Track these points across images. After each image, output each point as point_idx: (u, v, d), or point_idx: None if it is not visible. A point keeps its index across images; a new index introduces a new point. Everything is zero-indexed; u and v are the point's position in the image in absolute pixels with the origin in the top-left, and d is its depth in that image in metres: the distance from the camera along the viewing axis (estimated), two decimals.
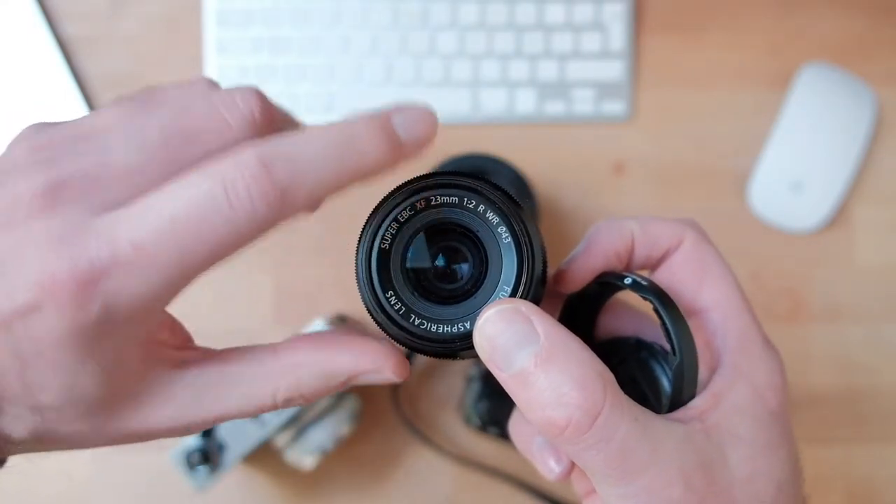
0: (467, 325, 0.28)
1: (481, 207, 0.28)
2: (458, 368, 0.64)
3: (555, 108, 0.66)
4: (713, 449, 0.27)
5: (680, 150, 0.67)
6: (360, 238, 0.28)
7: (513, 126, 0.67)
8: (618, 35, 0.66)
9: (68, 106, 0.65)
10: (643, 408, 0.27)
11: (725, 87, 0.67)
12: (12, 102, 0.65)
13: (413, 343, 0.28)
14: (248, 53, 0.66)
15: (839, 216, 0.66)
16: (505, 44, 0.66)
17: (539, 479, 0.63)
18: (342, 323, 0.62)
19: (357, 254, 0.28)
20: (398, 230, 0.28)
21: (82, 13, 0.66)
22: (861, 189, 0.67)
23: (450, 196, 0.28)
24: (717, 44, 0.68)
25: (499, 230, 0.28)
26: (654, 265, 0.33)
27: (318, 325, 0.60)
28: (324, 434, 0.59)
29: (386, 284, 0.28)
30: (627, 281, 0.30)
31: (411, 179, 0.28)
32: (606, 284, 0.31)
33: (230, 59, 0.66)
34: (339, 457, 0.64)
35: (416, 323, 0.28)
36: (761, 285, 0.66)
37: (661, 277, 0.32)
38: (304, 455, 0.60)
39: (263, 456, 0.62)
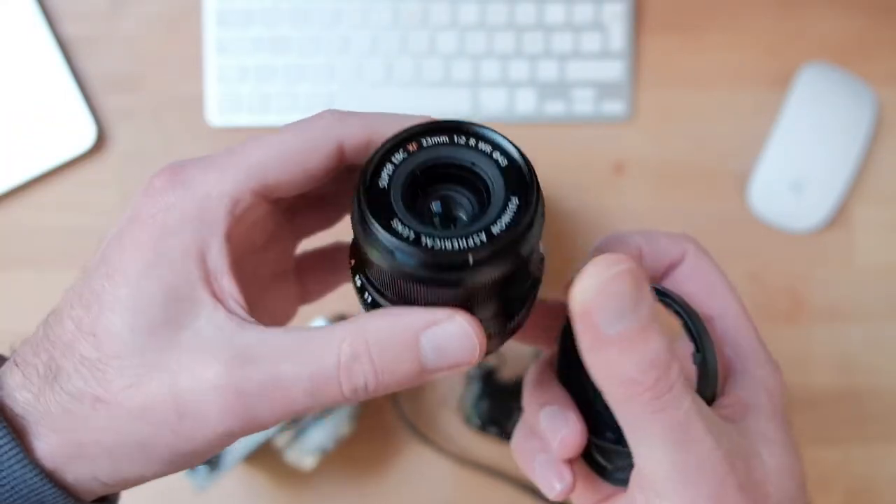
0: (483, 236, 0.27)
1: (471, 141, 0.29)
2: None
3: (555, 108, 0.66)
4: (749, 444, 0.29)
5: (680, 150, 0.67)
6: (359, 182, 0.28)
7: (513, 126, 0.67)
8: (618, 35, 0.66)
9: (68, 106, 0.65)
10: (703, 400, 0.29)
11: (725, 87, 0.67)
12: (12, 102, 0.65)
13: (428, 260, 0.26)
14: (248, 53, 0.66)
15: (839, 216, 0.66)
16: (505, 44, 0.66)
17: None
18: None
19: (356, 194, 0.28)
20: (394, 170, 0.28)
21: (82, 13, 0.66)
22: (861, 189, 0.67)
23: (440, 136, 0.29)
24: (717, 44, 0.68)
25: (493, 155, 0.29)
26: (658, 278, 0.34)
27: (318, 322, 0.60)
28: (324, 434, 0.59)
29: (390, 214, 0.27)
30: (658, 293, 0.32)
31: (400, 132, 0.29)
32: None
33: (230, 59, 0.66)
34: (339, 457, 0.64)
35: (427, 245, 0.27)
36: (761, 285, 0.66)
37: (669, 289, 0.34)
38: (304, 455, 0.60)
39: (263, 456, 0.62)
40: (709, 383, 0.31)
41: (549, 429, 0.33)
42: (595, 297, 0.25)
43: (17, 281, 0.65)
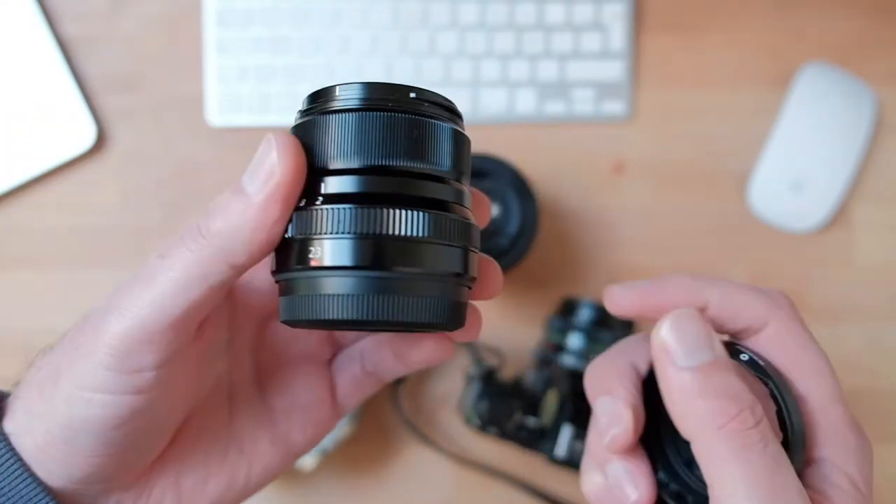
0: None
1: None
2: (458, 366, 0.64)
3: (555, 108, 0.66)
4: None
5: (680, 150, 0.67)
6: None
7: (513, 126, 0.67)
8: (618, 35, 0.66)
9: (68, 106, 0.65)
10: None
11: (725, 87, 0.67)
12: (12, 102, 0.65)
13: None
14: (248, 53, 0.66)
15: (839, 216, 0.66)
16: (505, 44, 0.66)
17: (539, 479, 0.63)
18: None
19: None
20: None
21: (82, 13, 0.66)
22: (861, 189, 0.67)
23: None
24: (717, 44, 0.68)
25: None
26: (731, 334, 0.32)
27: None
28: None
29: None
30: (744, 357, 0.30)
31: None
32: None
33: (230, 59, 0.66)
34: (339, 457, 0.64)
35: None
36: (761, 285, 0.66)
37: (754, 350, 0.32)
38: (304, 455, 0.60)
39: None
40: (795, 456, 0.28)
41: (617, 485, 0.32)
42: (670, 334, 0.28)
43: (17, 281, 0.65)
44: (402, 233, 0.26)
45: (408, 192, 0.27)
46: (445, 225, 0.27)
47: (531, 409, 0.59)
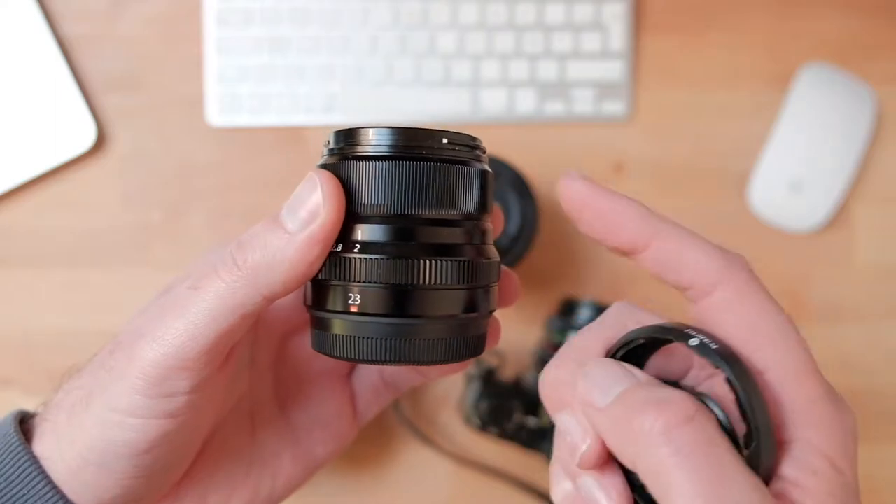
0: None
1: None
2: None
3: (555, 108, 0.66)
4: None
5: (680, 150, 0.67)
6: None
7: (513, 126, 0.67)
8: (618, 35, 0.66)
9: (68, 106, 0.65)
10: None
11: (725, 88, 0.67)
12: (12, 102, 0.65)
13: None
14: (248, 53, 0.66)
15: (839, 216, 0.66)
16: (505, 44, 0.66)
17: (539, 479, 0.63)
18: None
19: None
20: None
21: (82, 13, 0.66)
22: (861, 189, 0.67)
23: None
24: (717, 44, 0.68)
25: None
26: (674, 287, 0.29)
27: None
28: None
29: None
30: (693, 342, 0.26)
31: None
32: (657, 340, 0.28)
33: (230, 59, 0.66)
34: (339, 457, 0.64)
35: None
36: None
37: (697, 321, 0.29)
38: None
39: None
40: (760, 472, 0.25)
41: (589, 498, 0.29)
42: (585, 386, 0.27)
43: (17, 281, 0.65)
44: (433, 283, 0.28)
45: (438, 240, 0.29)
46: (470, 271, 0.29)
47: (531, 409, 0.59)
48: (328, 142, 0.31)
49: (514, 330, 0.65)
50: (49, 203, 0.65)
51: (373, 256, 0.28)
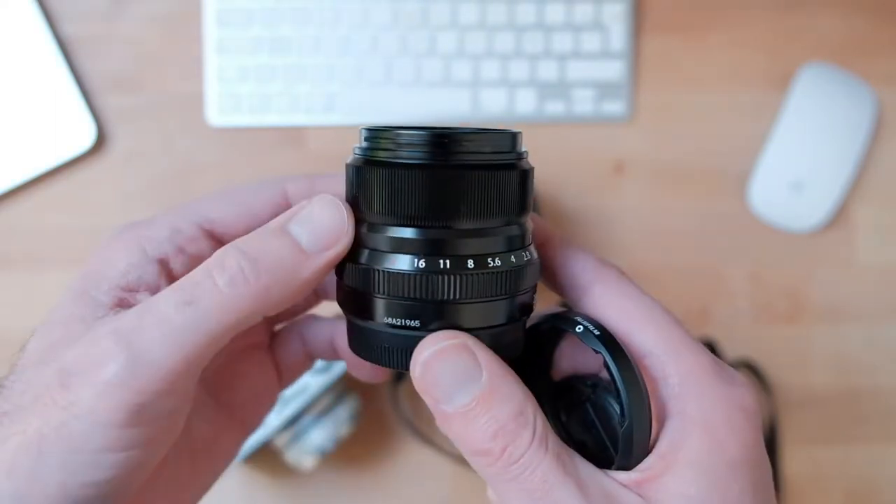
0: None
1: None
2: None
3: (555, 108, 0.66)
4: None
5: (680, 150, 0.67)
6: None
7: (513, 126, 0.67)
8: (618, 35, 0.66)
9: (68, 106, 0.65)
10: (574, 452, 0.26)
11: (726, 88, 0.67)
12: (12, 103, 0.65)
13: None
14: (248, 53, 0.66)
15: (839, 216, 0.66)
16: (505, 44, 0.66)
17: None
18: None
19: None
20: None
21: (82, 13, 0.66)
22: (861, 189, 0.67)
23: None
24: (717, 44, 0.68)
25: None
26: (558, 293, 0.31)
27: None
28: (324, 434, 0.59)
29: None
30: (579, 329, 0.28)
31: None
32: (556, 329, 0.30)
33: (230, 59, 0.66)
34: (339, 457, 0.64)
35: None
36: (761, 285, 0.66)
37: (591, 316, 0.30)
38: (303, 455, 0.60)
39: (263, 456, 0.62)
40: (634, 451, 0.27)
41: None
42: (425, 376, 0.26)
43: (17, 281, 0.65)
44: (460, 298, 0.27)
45: (476, 251, 0.27)
46: (509, 280, 0.28)
47: None
48: (363, 137, 0.29)
49: None
50: (49, 203, 0.65)
51: (402, 270, 0.27)
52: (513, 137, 0.29)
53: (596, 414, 0.29)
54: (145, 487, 0.29)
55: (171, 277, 0.30)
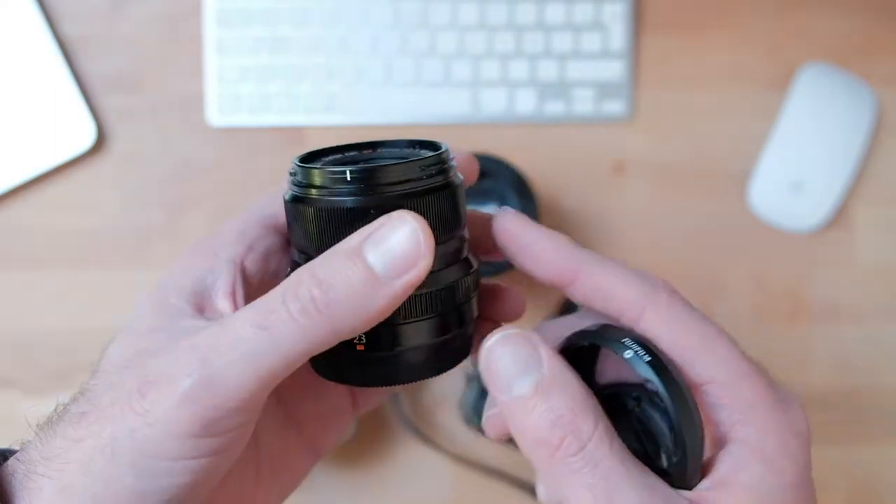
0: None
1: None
2: (459, 366, 0.64)
3: (555, 108, 0.66)
4: None
5: (680, 150, 0.67)
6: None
7: (513, 126, 0.67)
8: (618, 35, 0.66)
9: (68, 106, 0.65)
10: (636, 459, 0.26)
11: (725, 87, 0.67)
12: (12, 103, 0.65)
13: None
14: (248, 53, 0.66)
15: (839, 216, 0.66)
16: (505, 44, 0.66)
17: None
18: None
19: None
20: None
21: (82, 13, 0.66)
22: (861, 189, 0.67)
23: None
24: (717, 44, 0.68)
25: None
26: (607, 316, 0.30)
27: None
28: None
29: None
30: (627, 355, 0.27)
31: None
32: (597, 346, 0.29)
33: (230, 59, 0.66)
34: (339, 457, 0.64)
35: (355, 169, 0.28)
36: (761, 285, 0.66)
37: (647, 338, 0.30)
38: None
39: None
40: (687, 472, 0.27)
41: None
42: (489, 361, 0.27)
43: (17, 281, 0.65)
44: (409, 317, 0.28)
45: None
46: (446, 297, 0.29)
47: None
48: (293, 173, 0.29)
49: None
50: (49, 203, 0.65)
51: None
52: (438, 158, 0.29)
53: (642, 428, 0.29)
54: (210, 495, 0.30)
55: (247, 275, 0.31)
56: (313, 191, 0.28)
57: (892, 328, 0.66)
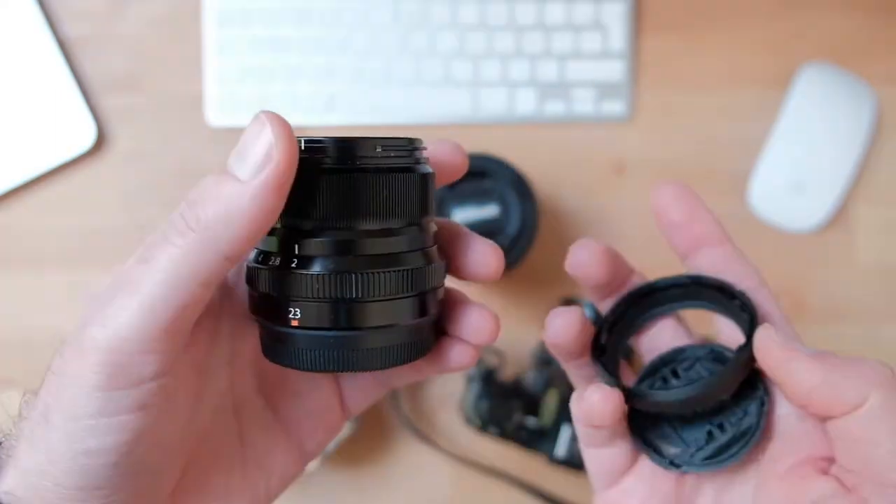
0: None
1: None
2: None
3: (555, 108, 0.66)
4: None
5: (680, 150, 0.67)
6: None
7: (513, 126, 0.67)
8: (618, 35, 0.66)
9: (68, 106, 0.65)
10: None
11: (725, 88, 0.67)
12: (12, 103, 0.65)
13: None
14: (248, 53, 0.66)
15: (839, 216, 0.66)
16: (505, 44, 0.66)
17: (538, 479, 0.63)
18: None
19: None
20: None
21: (82, 13, 0.66)
22: (861, 189, 0.67)
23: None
24: (717, 44, 0.68)
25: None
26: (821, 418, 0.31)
27: None
28: None
29: None
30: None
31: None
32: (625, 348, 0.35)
33: (230, 59, 0.66)
34: (339, 457, 0.64)
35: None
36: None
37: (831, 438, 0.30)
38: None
39: None
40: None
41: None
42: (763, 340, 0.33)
43: (17, 281, 0.65)
44: (372, 295, 0.28)
45: (378, 251, 0.29)
46: (411, 279, 0.29)
47: (531, 409, 0.59)
48: None
49: (514, 330, 0.65)
50: (49, 203, 0.65)
51: (311, 272, 0.28)
52: (409, 142, 0.30)
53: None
54: (195, 490, 0.30)
55: None
56: None
57: (893, 328, 0.66)
